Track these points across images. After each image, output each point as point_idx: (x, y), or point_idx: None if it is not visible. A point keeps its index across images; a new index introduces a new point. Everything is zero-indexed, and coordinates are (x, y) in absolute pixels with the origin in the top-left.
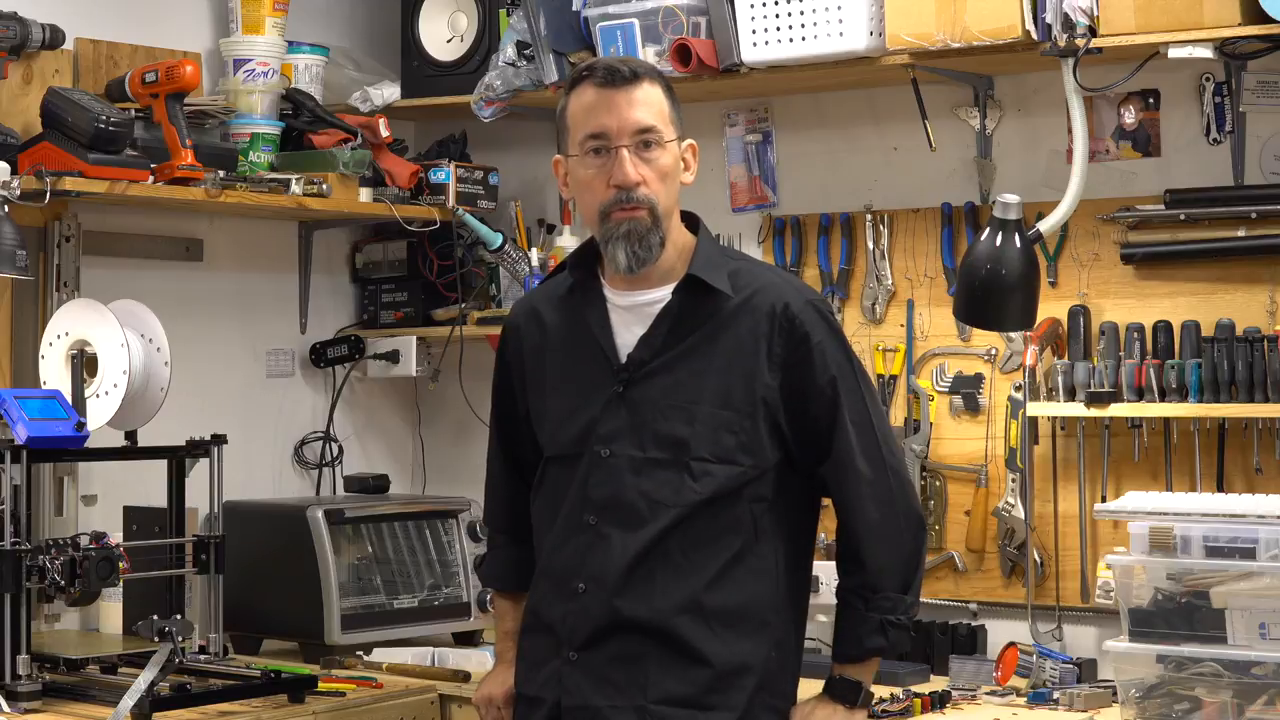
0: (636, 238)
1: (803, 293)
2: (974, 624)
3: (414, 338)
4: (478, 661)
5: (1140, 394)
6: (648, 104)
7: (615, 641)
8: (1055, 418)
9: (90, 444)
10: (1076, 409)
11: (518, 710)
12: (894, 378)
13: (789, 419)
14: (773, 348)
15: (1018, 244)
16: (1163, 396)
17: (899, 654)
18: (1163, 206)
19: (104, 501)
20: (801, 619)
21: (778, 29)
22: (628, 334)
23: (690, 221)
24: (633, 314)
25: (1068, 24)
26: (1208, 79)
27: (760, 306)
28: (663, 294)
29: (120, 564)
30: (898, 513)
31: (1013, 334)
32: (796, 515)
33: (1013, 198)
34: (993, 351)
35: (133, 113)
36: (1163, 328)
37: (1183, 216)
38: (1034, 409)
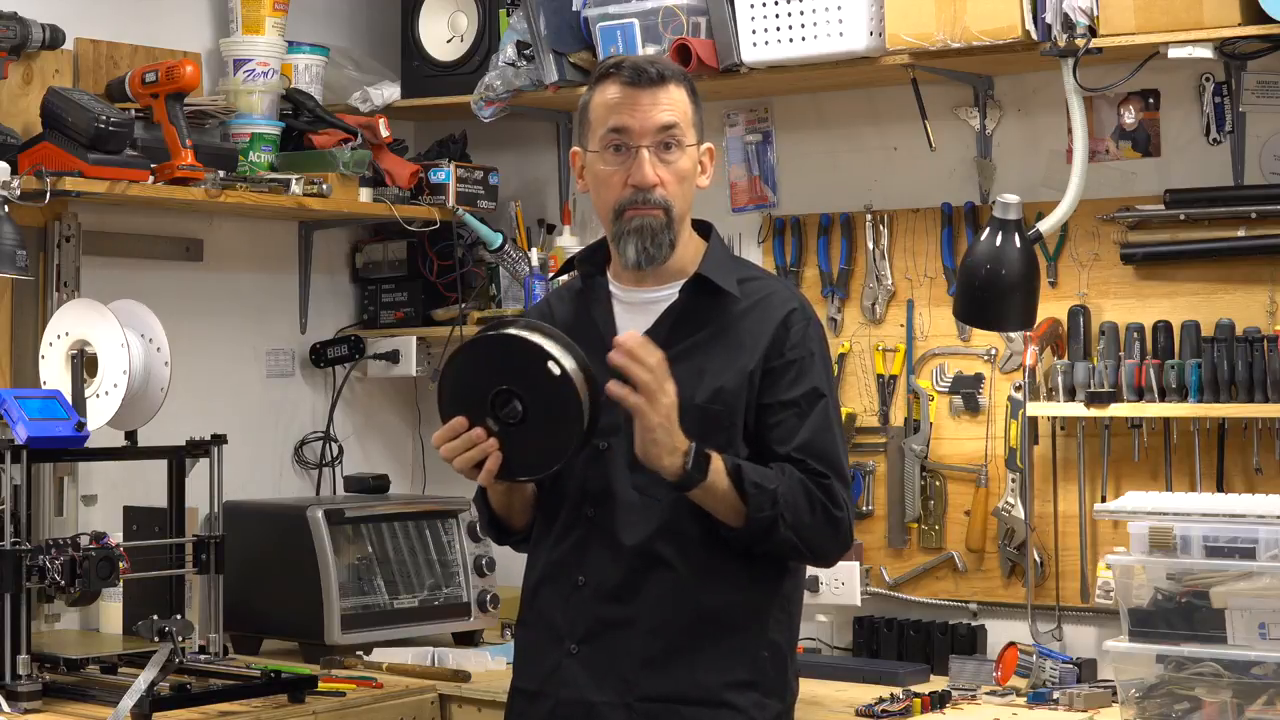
0: (649, 234)
1: (805, 310)
2: (974, 624)
3: (414, 338)
4: (477, 661)
5: (1140, 394)
6: (671, 106)
7: (611, 637)
8: (1055, 418)
9: (90, 444)
10: (1076, 409)
11: (514, 706)
12: (894, 378)
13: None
14: (769, 351)
15: (1018, 244)
16: (1163, 396)
17: (757, 525)
18: (1163, 206)
19: (104, 501)
20: (796, 619)
21: (778, 29)
22: (631, 329)
23: (702, 228)
24: (638, 310)
25: (1068, 24)
26: (1208, 79)
27: (765, 310)
28: (669, 292)
29: (120, 564)
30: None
31: (1013, 334)
32: None
33: (1013, 198)
34: (993, 351)
35: (133, 113)
36: (1163, 328)
37: (1183, 216)
38: (1034, 409)
